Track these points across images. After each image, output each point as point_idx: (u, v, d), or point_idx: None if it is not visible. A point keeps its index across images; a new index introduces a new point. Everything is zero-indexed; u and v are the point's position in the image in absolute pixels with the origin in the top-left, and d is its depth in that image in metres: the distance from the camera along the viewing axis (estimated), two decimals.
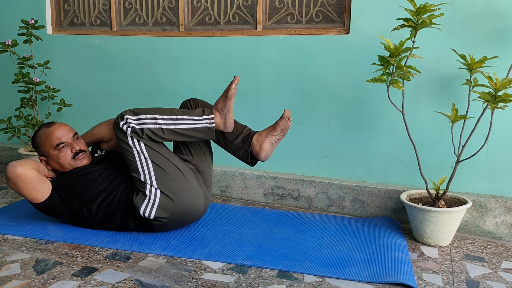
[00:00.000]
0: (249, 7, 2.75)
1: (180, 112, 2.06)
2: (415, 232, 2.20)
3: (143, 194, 2.06)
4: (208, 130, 2.06)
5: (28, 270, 1.81)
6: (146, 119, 2.02)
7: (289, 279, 1.78)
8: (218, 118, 2.07)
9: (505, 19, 2.19)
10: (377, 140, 2.50)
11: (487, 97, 2.01)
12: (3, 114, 3.41)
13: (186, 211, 2.11)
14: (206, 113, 2.06)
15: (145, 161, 2.04)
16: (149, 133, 2.02)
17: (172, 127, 2.04)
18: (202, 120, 2.05)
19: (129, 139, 2.03)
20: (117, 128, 2.05)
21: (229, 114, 2.06)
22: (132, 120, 2.01)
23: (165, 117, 2.03)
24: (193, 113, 2.06)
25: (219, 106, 2.06)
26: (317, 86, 2.59)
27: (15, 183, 2.03)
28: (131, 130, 2.02)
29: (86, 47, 3.14)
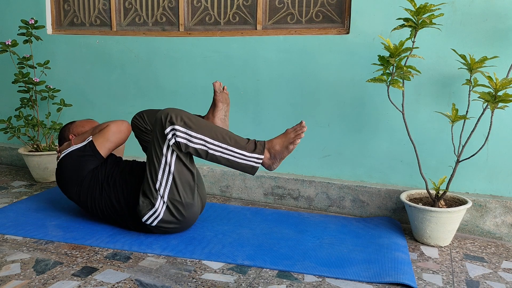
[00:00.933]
0: (249, 7, 2.75)
1: (232, 141, 1.96)
2: (415, 232, 2.20)
3: (150, 204, 2.03)
4: (251, 169, 1.98)
5: (28, 270, 1.81)
6: (195, 139, 1.94)
7: (289, 279, 1.78)
8: (267, 160, 1.98)
9: (505, 19, 2.19)
10: (377, 140, 2.50)
11: (487, 97, 2.01)
12: (3, 114, 3.41)
13: (186, 222, 2.12)
14: (257, 151, 1.96)
15: (168, 173, 1.99)
16: (192, 151, 1.96)
17: (218, 154, 1.96)
18: (251, 158, 1.96)
19: (165, 148, 1.96)
20: (159, 130, 1.96)
21: (279, 162, 1.99)
22: (181, 133, 1.93)
23: (215, 143, 1.95)
24: (244, 147, 1.96)
25: (274, 150, 1.97)
26: (317, 86, 2.59)
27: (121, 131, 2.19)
28: (174, 142, 1.94)
29: (86, 47, 3.14)
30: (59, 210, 2.46)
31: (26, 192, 2.83)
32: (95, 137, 2.20)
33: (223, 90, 2.22)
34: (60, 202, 2.55)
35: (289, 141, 1.97)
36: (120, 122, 2.22)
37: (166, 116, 1.95)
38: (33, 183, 3.01)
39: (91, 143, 2.18)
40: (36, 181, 3.05)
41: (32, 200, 2.62)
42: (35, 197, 2.70)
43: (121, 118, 2.98)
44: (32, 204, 2.55)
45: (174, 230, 2.13)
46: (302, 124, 1.97)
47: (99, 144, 2.18)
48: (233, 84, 2.76)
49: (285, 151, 1.97)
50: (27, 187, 2.92)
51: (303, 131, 1.96)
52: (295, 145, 1.96)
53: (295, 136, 1.96)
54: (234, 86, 2.76)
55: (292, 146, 1.96)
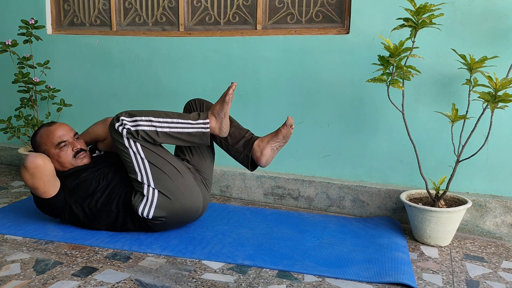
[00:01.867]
0: (249, 7, 2.75)
1: (176, 115, 2.06)
2: (415, 232, 2.20)
3: (141, 195, 2.07)
4: (203, 135, 2.06)
5: (28, 270, 1.81)
6: (141, 121, 2.02)
7: (289, 279, 1.78)
8: (213, 123, 2.07)
9: (505, 19, 2.19)
10: (377, 140, 2.50)
11: (487, 97, 2.01)
12: (3, 114, 3.41)
13: (184, 210, 2.11)
14: (201, 117, 2.06)
15: (141, 161, 2.04)
16: (144, 135, 2.02)
17: (167, 130, 2.03)
18: (197, 124, 2.05)
19: (125, 140, 2.03)
20: (113, 130, 2.05)
21: (225, 119, 2.06)
22: (127, 121, 2.01)
23: (160, 119, 2.03)
24: (189, 117, 2.06)
25: (215, 111, 2.07)
26: (317, 86, 2.59)
27: (33, 174, 2.01)
28: (126, 131, 2.01)
29: (86, 47, 3.14)
30: None
31: (26, 192, 2.83)
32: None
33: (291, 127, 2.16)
34: None
35: (223, 96, 2.04)
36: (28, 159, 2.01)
37: (114, 117, 2.06)
38: None
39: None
40: None
41: (32, 200, 2.62)
42: None
43: None
44: (32, 204, 2.55)
45: (171, 222, 2.12)
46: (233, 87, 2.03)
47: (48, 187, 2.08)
48: None
49: (224, 104, 2.04)
50: (27, 187, 2.92)
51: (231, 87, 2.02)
52: (229, 95, 2.02)
53: (227, 91, 2.03)
54: None
55: (227, 97, 2.02)
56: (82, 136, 2.33)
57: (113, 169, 2.19)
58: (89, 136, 2.33)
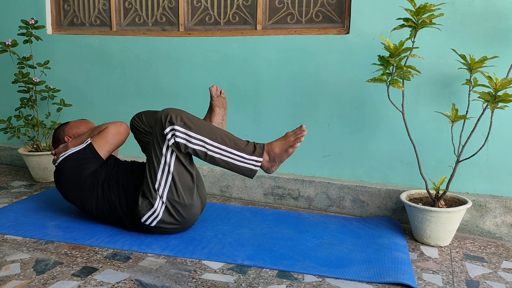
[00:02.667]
0: (249, 7, 2.75)
1: (232, 143, 1.96)
2: (415, 232, 2.20)
3: (149, 204, 2.03)
4: (250, 172, 1.99)
5: (28, 270, 1.81)
6: (195, 140, 1.94)
7: (289, 279, 1.78)
8: (265, 162, 1.98)
9: (505, 19, 2.19)
10: (377, 140, 2.50)
11: (487, 97, 2.01)
12: (3, 114, 3.41)
13: (185, 222, 2.12)
14: (256, 153, 1.96)
15: (167, 173, 1.99)
16: (191, 152, 1.96)
17: (217, 156, 1.96)
18: (250, 160, 1.97)
19: (165, 148, 1.96)
20: (159, 130, 1.96)
21: (278, 165, 2.00)
22: (180, 134, 1.93)
23: (214, 144, 1.95)
24: (243, 149, 1.96)
25: (274, 153, 1.97)
26: (317, 86, 2.59)
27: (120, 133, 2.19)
28: (174, 142, 1.94)
29: (86, 47, 3.14)
30: (59, 210, 2.46)
31: (26, 192, 2.83)
32: (94, 139, 2.18)
33: (220, 94, 2.21)
34: (60, 202, 2.55)
35: (289, 144, 1.96)
36: (118, 123, 2.22)
37: (166, 116, 1.95)
38: (33, 183, 3.01)
39: (91, 145, 2.17)
40: (36, 181, 3.05)
41: (32, 200, 2.62)
42: (35, 197, 2.70)
43: (121, 118, 2.98)
44: (32, 204, 2.55)
45: (173, 230, 2.13)
46: (302, 128, 1.96)
47: (99, 146, 2.17)
48: (233, 84, 2.76)
49: (285, 154, 1.97)
50: (27, 187, 2.92)
51: (303, 135, 1.95)
52: (294, 148, 1.96)
53: (295, 140, 1.96)
54: (234, 86, 2.76)
55: (292, 149, 1.96)
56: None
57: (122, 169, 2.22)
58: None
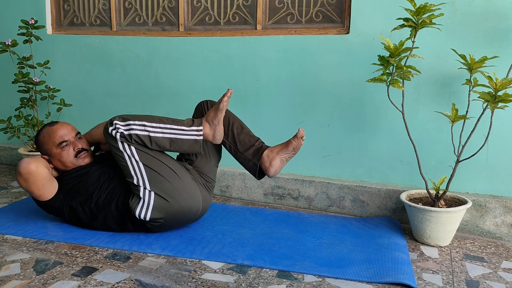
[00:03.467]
0: (249, 7, 2.75)
1: (170, 121, 2.05)
2: (415, 232, 2.20)
3: (138, 197, 2.06)
4: (195, 143, 2.05)
5: (28, 270, 1.81)
6: (135, 125, 2.01)
7: (289, 279, 1.78)
8: (207, 129, 2.06)
9: (505, 19, 2.19)
10: (377, 140, 2.50)
11: (487, 97, 2.01)
12: (3, 114, 3.41)
13: (182, 211, 2.10)
14: (195, 124, 2.05)
15: (136, 164, 2.04)
16: (136, 139, 2.01)
17: (160, 135, 2.02)
18: (190, 131, 2.04)
19: (119, 144, 2.02)
20: (107, 134, 2.04)
21: (219, 126, 2.06)
22: (121, 125, 2.00)
23: (154, 124, 2.02)
24: (183, 123, 2.05)
25: (209, 117, 2.06)
26: (317, 86, 2.59)
27: (26, 179, 2.02)
28: (120, 135, 2.01)
29: (86, 47, 3.14)
30: None
31: (26, 192, 2.82)
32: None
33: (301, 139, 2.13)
34: None
35: (218, 103, 2.04)
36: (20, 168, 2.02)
37: (108, 121, 2.05)
38: None
39: None
40: None
41: (32, 200, 2.62)
42: None
43: None
44: (32, 204, 2.55)
45: (170, 223, 2.12)
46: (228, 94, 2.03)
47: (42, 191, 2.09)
48: (233, 84, 2.76)
49: (218, 111, 2.04)
50: None
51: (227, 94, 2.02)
52: (223, 102, 2.02)
53: (221, 98, 2.03)
54: (234, 86, 2.76)
55: (221, 104, 2.02)
56: (85, 136, 2.33)
57: (114, 170, 2.19)
58: (91, 138, 2.33)
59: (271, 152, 2.15)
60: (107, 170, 2.19)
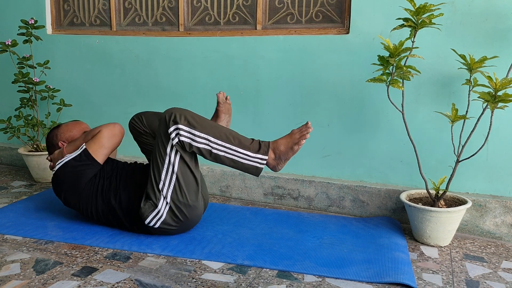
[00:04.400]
0: (249, 7, 2.75)
1: (236, 141, 1.95)
2: (415, 232, 2.20)
3: (153, 205, 2.02)
4: (255, 170, 1.98)
5: (28, 270, 1.81)
6: (199, 138, 1.93)
7: (289, 279, 1.78)
8: (271, 160, 1.97)
9: (505, 19, 2.19)
10: (377, 140, 2.50)
11: (487, 97, 2.01)
12: (3, 114, 3.41)
13: (188, 223, 2.11)
14: (261, 151, 1.95)
15: (171, 173, 1.98)
16: (195, 150, 1.96)
17: (222, 154, 1.95)
18: (255, 158, 1.95)
19: (169, 147, 1.96)
20: (163, 130, 1.95)
21: (284, 163, 1.99)
22: (184, 133, 1.92)
23: (219, 142, 1.94)
24: (248, 147, 1.95)
25: (279, 150, 1.96)
26: (317, 86, 2.59)
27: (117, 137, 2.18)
28: (178, 142, 1.94)
29: (86, 47, 3.14)
30: (59, 210, 2.46)
31: (26, 192, 2.83)
32: (89, 144, 2.14)
33: (226, 100, 2.19)
34: (60, 202, 2.55)
35: (294, 141, 1.96)
36: (111, 125, 2.19)
37: (170, 115, 1.94)
38: (33, 183, 3.01)
39: (86, 151, 2.13)
40: (36, 181, 3.05)
41: (32, 200, 2.62)
42: (35, 197, 2.70)
43: (121, 118, 2.98)
44: (32, 204, 2.55)
45: (175, 231, 2.12)
46: (308, 125, 1.96)
47: (94, 151, 2.13)
48: (233, 84, 2.76)
49: (290, 151, 1.97)
50: (27, 187, 2.92)
51: (308, 132, 1.95)
52: (300, 145, 1.95)
53: (300, 137, 1.96)
54: (234, 86, 2.76)
55: (297, 146, 1.95)
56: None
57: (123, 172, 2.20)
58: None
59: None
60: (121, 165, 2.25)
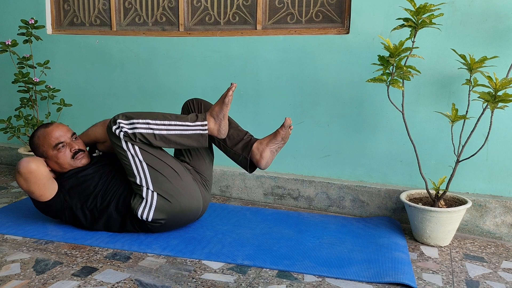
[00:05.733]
0: (249, 7, 2.75)
1: (174, 117, 2.04)
2: (415, 232, 2.20)
3: (140, 197, 2.06)
4: (201, 137, 2.04)
5: (28, 270, 1.81)
6: (139, 124, 2.00)
7: (289, 279, 1.78)
8: (212, 124, 2.05)
9: (505, 19, 2.19)
10: (377, 140, 2.50)
11: (487, 97, 2.01)
12: (3, 114, 3.41)
13: (183, 211, 2.10)
14: (199, 119, 2.04)
15: (140, 164, 2.03)
16: (141, 137, 2.01)
17: (164, 132, 2.01)
18: (195, 126, 2.03)
19: (123, 143, 2.02)
20: (110, 133, 2.03)
21: (224, 121, 2.05)
22: (125, 124, 1.99)
23: (158, 122, 2.01)
24: (186, 119, 2.04)
25: (214, 112, 2.05)
26: (317, 86, 2.59)
27: (27, 179, 1.99)
28: (123, 134, 2.00)
29: (86, 47, 3.14)
30: None
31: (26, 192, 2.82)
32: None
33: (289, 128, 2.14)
34: None
35: (222, 97, 2.03)
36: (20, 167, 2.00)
37: (111, 120, 2.04)
38: None
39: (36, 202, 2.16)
40: None
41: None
42: None
43: None
44: (32, 204, 2.55)
45: (171, 224, 2.12)
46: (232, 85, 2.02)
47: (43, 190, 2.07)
48: None
49: (223, 106, 2.03)
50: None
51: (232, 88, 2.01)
52: (228, 96, 2.01)
53: (225, 92, 2.02)
54: None
55: (227, 99, 2.01)
56: (81, 137, 2.31)
57: (113, 170, 2.19)
58: (88, 138, 2.32)
59: (260, 144, 2.15)
60: (106, 170, 2.19)
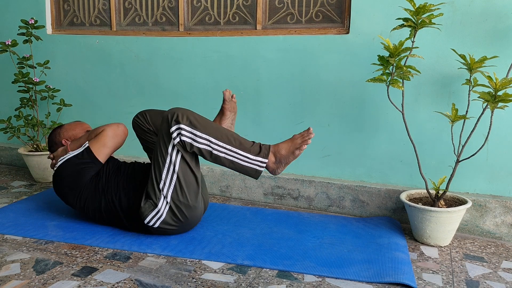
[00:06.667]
0: (249, 7, 2.75)
1: (237, 143, 1.96)
2: (415, 232, 2.20)
3: (153, 204, 2.02)
4: (254, 172, 1.98)
5: (28, 270, 1.81)
6: (200, 139, 1.94)
7: (289, 279, 1.78)
8: (271, 163, 1.97)
9: (505, 19, 2.19)
10: (377, 140, 2.50)
11: (487, 97, 2.01)
12: (3, 114, 3.41)
13: (188, 224, 2.11)
14: (262, 154, 1.96)
15: (172, 172, 1.98)
16: (196, 151, 1.96)
17: (222, 155, 1.95)
18: (255, 161, 1.96)
19: (170, 147, 1.96)
20: (165, 129, 1.96)
21: (284, 167, 1.99)
22: (186, 132, 1.93)
23: (220, 144, 1.94)
24: (249, 149, 1.96)
25: (280, 154, 1.96)
26: (317, 86, 2.59)
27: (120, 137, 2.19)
28: (179, 141, 1.94)
29: (86, 47, 3.14)
30: (59, 210, 2.46)
31: (26, 192, 2.83)
32: (92, 143, 2.16)
33: (232, 98, 2.19)
34: (60, 202, 2.55)
35: (296, 146, 1.96)
36: (115, 125, 2.20)
37: (173, 115, 1.95)
38: (33, 183, 3.01)
39: (88, 149, 2.15)
40: (36, 181, 3.05)
41: (32, 200, 2.62)
42: (35, 197, 2.70)
43: (121, 118, 2.99)
44: (32, 204, 2.55)
45: (175, 231, 2.12)
46: (310, 130, 1.96)
47: (97, 150, 2.14)
48: (233, 84, 2.76)
49: (291, 156, 1.97)
50: (27, 187, 2.92)
51: (310, 138, 1.95)
52: (301, 150, 1.95)
53: (302, 142, 1.96)
54: (234, 86, 2.76)
55: (298, 151, 1.95)
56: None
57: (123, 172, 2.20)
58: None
59: None
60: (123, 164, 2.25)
